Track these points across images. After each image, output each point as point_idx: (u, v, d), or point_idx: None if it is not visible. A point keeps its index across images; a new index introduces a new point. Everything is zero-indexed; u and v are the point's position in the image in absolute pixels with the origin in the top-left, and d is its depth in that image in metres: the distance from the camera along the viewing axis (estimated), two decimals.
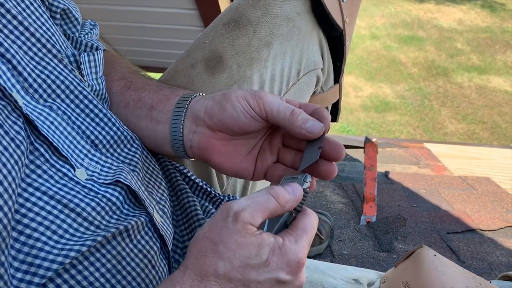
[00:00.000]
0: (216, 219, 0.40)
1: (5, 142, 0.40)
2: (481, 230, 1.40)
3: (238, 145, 0.54)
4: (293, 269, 0.40)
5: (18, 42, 0.48)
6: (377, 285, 0.82)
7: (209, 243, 0.39)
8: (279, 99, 0.50)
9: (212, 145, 0.54)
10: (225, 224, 0.39)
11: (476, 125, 3.93)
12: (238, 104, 0.50)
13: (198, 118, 0.54)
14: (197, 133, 0.54)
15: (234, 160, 0.54)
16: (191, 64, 0.66)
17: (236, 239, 0.38)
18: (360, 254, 1.24)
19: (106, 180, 0.48)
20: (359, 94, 4.28)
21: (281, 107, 0.49)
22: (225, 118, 0.51)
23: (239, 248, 0.38)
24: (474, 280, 0.74)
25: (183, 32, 1.69)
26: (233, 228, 0.39)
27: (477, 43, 5.17)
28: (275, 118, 0.49)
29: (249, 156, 0.54)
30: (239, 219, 0.39)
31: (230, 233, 0.39)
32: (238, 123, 0.51)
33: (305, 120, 0.47)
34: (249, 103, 0.50)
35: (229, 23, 0.67)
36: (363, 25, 5.43)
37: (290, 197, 0.42)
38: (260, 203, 0.40)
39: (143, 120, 0.58)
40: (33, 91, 0.48)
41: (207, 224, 0.40)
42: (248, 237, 0.39)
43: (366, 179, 1.48)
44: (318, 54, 0.74)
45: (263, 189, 0.42)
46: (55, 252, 0.41)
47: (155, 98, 0.58)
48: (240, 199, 0.40)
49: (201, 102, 0.54)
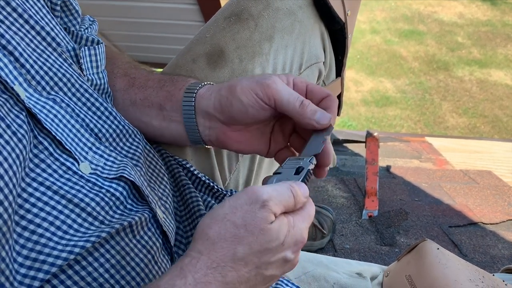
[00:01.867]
0: (240, 202, 0.39)
1: (6, 136, 0.40)
2: (483, 223, 1.40)
3: (254, 131, 0.55)
4: (298, 248, 0.41)
5: (19, 34, 0.47)
6: (380, 279, 0.82)
7: (230, 225, 0.38)
8: (287, 87, 0.50)
9: (230, 137, 0.55)
10: (251, 209, 0.38)
11: (477, 119, 3.93)
12: (245, 98, 0.50)
13: (209, 115, 0.55)
14: (213, 128, 0.56)
15: (251, 145, 0.56)
16: (193, 59, 0.65)
17: (260, 224, 0.38)
18: (362, 248, 1.24)
19: (110, 175, 0.48)
20: (359, 89, 4.27)
21: (290, 98, 0.49)
22: (234, 112, 0.52)
23: (261, 234, 0.38)
24: (477, 273, 0.74)
25: (183, 27, 1.68)
26: (259, 214, 0.38)
27: (478, 37, 5.15)
28: (284, 108, 0.49)
29: (263, 138, 0.56)
30: (267, 207, 0.38)
31: (255, 219, 0.38)
32: (248, 116, 0.51)
33: (314, 112, 0.48)
34: (257, 95, 0.50)
35: (230, 17, 0.67)
36: (363, 19, 5.41)
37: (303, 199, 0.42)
38: (284, 198, 0.40)
39: (155, 119, 0.59)
40: (35, 83, 0.47)
41: (227, 205, 0.39)
42: (271, 224, 0.38)
43: (367, 174, 1.48)
44: (320, 48, 0.74)
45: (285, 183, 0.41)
46: (60, 248, 0.41)
47: (160, 95, 0.58)
48: (266, 187, 0.40)
49: (207, 97, 0.55)
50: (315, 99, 0.51)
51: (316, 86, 0.52)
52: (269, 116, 0.52)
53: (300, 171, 0.45)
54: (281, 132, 0.55)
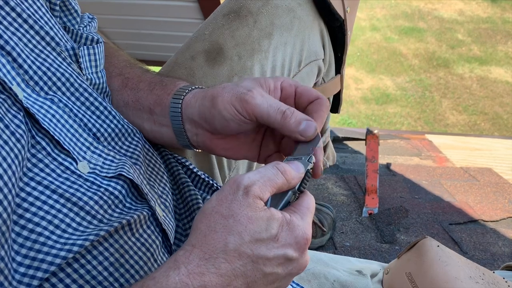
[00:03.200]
0: (225, 193, 0.39)
1: (5, 136, 0.39)
2: (484, 220, 1.40)
3: (242, 138, 0.54)
4: (300, 246, 0.40)
5: (18, 34, 0.47)
6: (380, 276, 0.82)
7: (219, 217, 0.38)
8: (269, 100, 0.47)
9: (216, 144, 0.54)
10: (235, 197, 0.38)
11: (477, 116, 3.93)
12: (226, 112, 0.49)
13: (195, 122, 0.54)
14: (199, 135, 0.55)
15: (239, 151, 0.55)
16: (192, 56, 0.65)
17: (246, 213, 0.38)
18: (362, 246, 1.24)
19: (109, 174, 0.48)
20: (359, 86, 4.26)
21: (271, 111, 0.46)
22: (216, 125, 0.51)
23: (249, 222, 0.37)
24: (477, 270, 0.73)
25: (183, 25, 1.68)
26: (244, 202, 0.38)
27: (478, 34, 5.14)
28: (265, 122, 0.47)
29: (253, 145, 0.54)
30: (250, 193, 0.38)
31: (241, 207, 0.38)
32: (230, 128, 0.50)
33: (298, 122, 0.45)
34: (236, 109, 0.48)
35: (229, 14, 0.66)
36: (363, 16, 5.40)
37: (295, 174, 0.41)
38: (269, 177, 0.39)
39: (146, 122, 0.58)
40: (33, 83, 0.47)
41: (214, 198, 0.39)
42: (258, 211, 0.38)
43: (368, 171, 1.48)
44: (319, 45, 0.74)
45: (270, 164, 0.41)
46: (58, 247, 0.41)
47: (150, 99, 0.58)
48: (249, 173, 0.39)
49: (192, 105, 0.53)
50: (303, 102, 0.49)
51: (305, 88, 0.49)
52: (253, 128, 0.51)
53: None
54: (272, 138, 0.53)
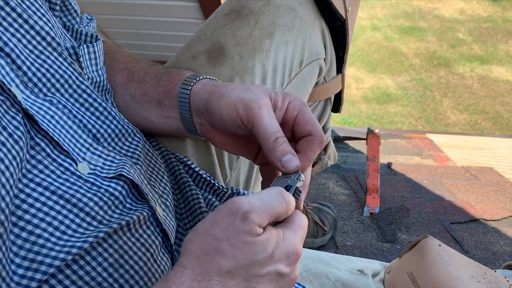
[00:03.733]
0: (220, 215, 0.38)
1: (2, 138, 0.39)
2: (485, 220, 1.40)
3: (239, 137, 0.55)
4: (291, 261, 0.39)
5: (17, 35, 0.47)
6: (382, 276, 0.82)
7: (212, 240, 0.37)
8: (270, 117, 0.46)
9: (215, 137, 0.55)
10: (232, 221, 0.37)
11: (478, 115, 3.92)
12: (226, 112, 0.49)
13: (200, 112, 0.55)
14: (202, 125, 0.56)
15: (237, 148, 0.55)
16: (193, 56, 0.65)
17: (243, 238, 0.37)
18: (363, 245, 1.23)
19: (109, 174, 0.48)
20: (360, 86, 4.26)
21: (268, 130, 0.45)
22: (215, 121, 0.52)
23: (246, 247, 0.37)
24: (479, 269, 0.73)
25: (183, 25, 1.68)
26: (240, 227, 0.37)
27: (479, 33, 5.13)
28: (257, 135, 0.47)
29: (251, 144, 0.54)
30: (248, 219, 0.37)
31: (237, 232, 0.37)
32: (226, 128, 0.51)
33: (284, 153, 0.44)
34: (238, 113, 0.48)
35: (230, 13, 0.66)
36: (364, 16, 5.39)
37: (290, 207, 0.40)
38: (271, 206, 0.38)
39: (155, 115, 0.59)
40: (32, 85, 0.47)
41: (208, 219, 0.38)
42: (256, 237, 0.37)
43: (369, 171, 1.48)
44: (321, 44, 0.74)
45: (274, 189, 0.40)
46: (57, 249, 0.41)
47: (158, 91, 0.58)
48: (250, 197, 0.38)
49: (199, 96, 0.54)
50: (297, 133, 0.48)
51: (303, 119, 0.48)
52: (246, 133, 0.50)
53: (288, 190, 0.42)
54: None
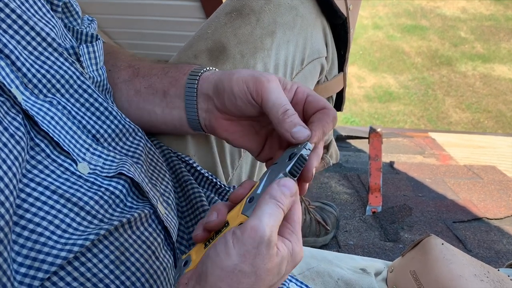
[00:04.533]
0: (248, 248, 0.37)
1: (4, 139, 0.40)
2: (488, 218, 1.40)
3: (245, 126, 0.54)
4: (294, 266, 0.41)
5: (16, 37, 0.47)
6: (384, 275, 0.82)
7: (242, 276, 0.37)
8: (279, 91, 0.47)
9: (220, 124, 0.54)
10: (259, 251, 0.37)
11: (481, 114, 3.91)
12: (236, 87, 0.49)
13: (208, 97, 0.54)
14: (209, 111, 0.55)
15: (241, 139, 0.54)
16: (194, 55, 0.65)
17: (267, 266, 0.37)
18: (366, 244, 1.23)
19: (110, 173, 0.48)
20: (362, 85, 4.25)
21: (276, 102, 0.46)
22: (225, 99, 0.51)
23: (267, 275, 0.38)
24: (482, 268, 0.73)
25: (185, 25, 1.68)
26: (266, 255, 0.37)
27: (481, 32, 5.12)
28: (267, 109, 0.47)
29: (256, 137, 0.54)
30: (271, 243, 0.37)
31: (263, 261, 0.37)
32: (236, 106, 0.50)
33: (294, 124, 0.45)
34: (248, 87, 0.48)
35: (231, 12, 0.66)
36: (366, 14, 5.39)
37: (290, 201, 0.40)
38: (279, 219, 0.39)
39: (158, 106, 0.59)
40: (32, 86, 0.47)
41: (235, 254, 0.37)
42: (274, 260, 0.38)
43: (371, 170, 1.48)
44: (322, 43, 0.74)
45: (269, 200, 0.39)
46: (59, 247, 0.41)
47: (164, 82, 0.58)
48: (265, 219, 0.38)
49: (209, 80, 0.54)
50: (310, 109, 0.48)
51: (316, 97, 0.49)
52: (256, 114, 0.50)
53: (292, 157, 0.43)
54: (278, 140, 0.53)
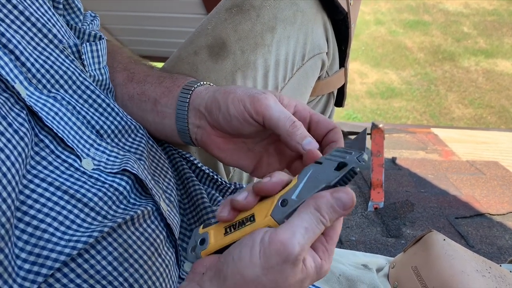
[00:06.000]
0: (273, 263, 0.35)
1: (8, 134, 0.40)
2: (490, 214, 1.39)
3: (239, 143, 0.53)
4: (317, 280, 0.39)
5: (20, 32, 0.47)
6: (386, 270, 0.82)
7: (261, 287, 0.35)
8: (280, 106, 0.46)
9: (213, 141, 0.53)
10: (283, 268, 0.35)
11: (484, 110, 3.89)
12: (232, 107, 0.48)
13: (200, 113, 0.53)
14: (200, 128, 0.54)
15: (234, 157, 0.53)
16: (195, 51, 0.65)
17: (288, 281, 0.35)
18: (368, 240, 1.23)
19: (113, 170, 0.48)
20: (364, 81, 4.24)
21: (281, 116, 0.45)
22: (219, 118, 0.50)
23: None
24: (484, 264, 0.73)
25: (185, 21, 1.67)
26: (291, 273, 0.35)
27: (484, 27, 5.09)
28: (273, 125, 0.46)
29: (249, 154, 0.53)
30: (298, 262, 0.35)
31: (286, 278, 0.35)
32: (231, 126, 0.49)
33: (304, 136, 0.44)
34: (245, 107, 0.47)
35: (232, 8, 0.66)
36: (368, 10, 5.36)
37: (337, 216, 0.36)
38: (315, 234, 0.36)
39: (149, 114, 0.58)
40: (36, 81, 0.47)
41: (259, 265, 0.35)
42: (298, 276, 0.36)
43: (373, 165, 1.48)
44: (323, 38, 0.73)
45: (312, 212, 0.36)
46: (63, 243, 0.41)
47: (157, 91, 0.58)
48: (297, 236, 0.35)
49: (202, 96, 0.53)
50: (321, 130, 0.47)
51: (322, 116, 0.48)
52: (254, 132, 0.49)
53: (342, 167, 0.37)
54: (277, 156, 0.51)
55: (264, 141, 0.52)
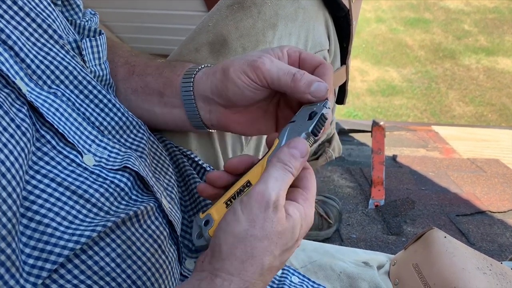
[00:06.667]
0: (255, 212, 0.38)
1: (11, 130, 0.40)
2: (491, 212, 1.39)
3: (255, 111, 0.53)
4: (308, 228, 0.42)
5: (19, 28, 0.47)
6: (387, 268, 0.82)
7: (254, 240, 0.38)
8: (277, 63, 0.47)
9: (230, 120, 0.54)
10: (267, 216, 0.38)
11: (484, 108, 3.89)
12: (238, 80, 0.49)
13: (208, 98, 0.54)
14: (213, 112, 0.55)
15: (255, 125, 0.54)
16: (196, 48, 0.65)
17: (277, 229, 0.38)
18: (369, 238, 1.23)
19: (115, 166, 0.48)
20: (365, 79, 4.24)
21: (281, 74, 0.46)
22: (231, 96, 0.51)
23: (279, 238, 0.39)
24: (485, 261, 0.73)
25: (186, 18, 1.67)
26: (274, 218, 0.38)
27: (485, 24, 5.08)
28: (276, 86, 0.47)
29: (268, 117, 0.54)
30: (279, 207, 0.38)
31: (272, 225, 0.38)
32: (245, 98, 0.50)
33: (309, 84, 0.45)
34: (249, 77, 0.48)
35: (233, 5, 0.66)
36: (369, 8, 5.36)
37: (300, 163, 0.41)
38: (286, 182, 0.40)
39: (157, 106, 0.58)
40: (36, 77, 0.47)
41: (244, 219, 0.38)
42: (285, 224, 0.39)
43: (374, 163, 1.48)
44: (324, 35, 0.73)
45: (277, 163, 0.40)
46: (66, 238, 0.41)
47: (159, 82, 0.58)
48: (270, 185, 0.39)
49: (203, 81, 0.54)
50: (307, 68, 0.48)
51: (309, 54, 0.49)
52: (267, 95, 0.50)
53: (313, 116, 0.43)
54: (288, 107, 0.52)
55: (275, 98, 0.53)
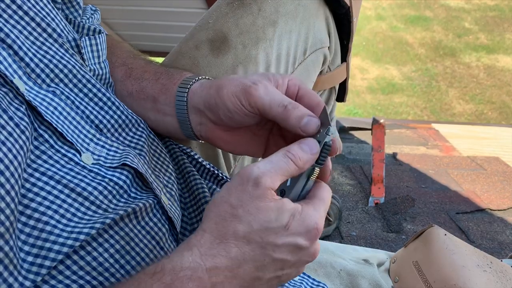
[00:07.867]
0: (234, 183, 0.40)
1: (9, 128, 0.40)
2: (491, 209, 1.40)
3: (243, 132, 0.53)
4: (311, 236, 0.41)
5: (18, 27, 0.47)
6: (387, 265, 0.82)
7: (228, 207, 0.39)
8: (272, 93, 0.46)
9: (217, 136, 0.54)
10: (245, 188, 0.39)
11: (484, 105, 3.89)
12: (230, 103, 0.48)
13: (200, 111, 0.53)
14: (203, 124, 0.54)
15: (242, 147, 0.54)
16: (195, 45, 0.65)
17: (256, 204, 0.39)
18: (368, 235, 1.23)
19: (113, 164, 0.48)
20: (365, 76, 4.23)
21: (272, 103, 0.45)
22: (221, 115, 0.50)
23: (258, 213, 0.39)
24: (485, 258, 0.73)
25: (187, 15, 1.67)
26: (253, 193, 0.39)
27: (485, 22, 5.08)
28: (268, 115, 0.46)
29: (256, 140, 0.53)
30: (260, 184, 0.39)
31: (250, 198, 0.39)
32: (234, 121, 0.50)
33: (300, 118, 0.44)
34: (240, 102, 0.47)
35: (233, 2, 0.66)
36: (369, 5, 5.35)
37: (308, 158, 0.41)
38: (280, 167, 0.40)
39: (150, 111, 0.58)
40: (35, 76, 0.47)
41: (224, 188, 0.41)
42: (268, 202, 0.39)
43: (374, 161, 1.48)
44: (325, 32, 0.73)
45: (280, 150, 0.41)
46: (65, 235, 0.41)
47: (155, 88, 0.57)
48: (258, 163, 0.40)
49: (198, 94, 0.53)
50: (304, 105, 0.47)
51: (308, 91, 0.48)
52: (257, 121, 0.50)
53: None
54: (282, 136, 0.52)
55: (266, 124, 0.53)
